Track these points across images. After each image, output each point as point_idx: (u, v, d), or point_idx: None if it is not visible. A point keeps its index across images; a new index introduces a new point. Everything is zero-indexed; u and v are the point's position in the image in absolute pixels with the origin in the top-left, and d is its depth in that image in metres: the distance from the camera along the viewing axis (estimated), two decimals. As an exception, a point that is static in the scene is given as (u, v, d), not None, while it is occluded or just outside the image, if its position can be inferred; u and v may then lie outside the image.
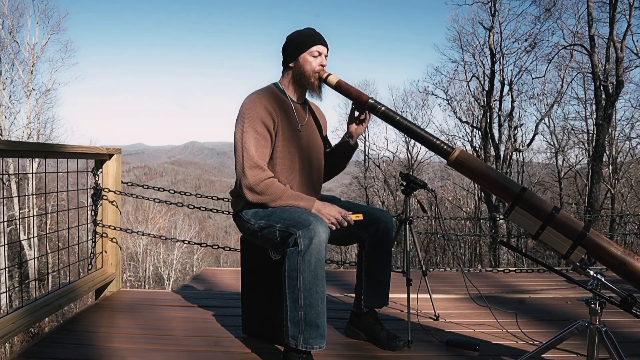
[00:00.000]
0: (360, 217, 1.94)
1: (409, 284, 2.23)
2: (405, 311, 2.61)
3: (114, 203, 2.89)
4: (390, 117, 1.91)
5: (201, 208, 3.11)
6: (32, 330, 11.29)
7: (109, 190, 2.84)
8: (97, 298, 2.83)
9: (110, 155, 2.85)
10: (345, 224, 1.90)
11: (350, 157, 2.22)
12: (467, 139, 18.92)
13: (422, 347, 2.12)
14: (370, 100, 1.95)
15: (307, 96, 2.14)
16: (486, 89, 16.53)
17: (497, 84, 16.13)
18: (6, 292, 13.67)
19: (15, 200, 16.35)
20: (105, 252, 2.89)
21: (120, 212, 2.98)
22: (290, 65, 2.05)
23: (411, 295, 2.69)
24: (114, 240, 2.91)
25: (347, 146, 2.16)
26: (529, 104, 16.97)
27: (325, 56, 2.06)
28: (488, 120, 16.08)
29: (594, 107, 14.44)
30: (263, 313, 2.15)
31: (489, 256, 16.15)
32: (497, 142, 15.88)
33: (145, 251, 27.04)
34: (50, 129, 18.68)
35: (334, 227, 1.89)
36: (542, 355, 1.83)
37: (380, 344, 2.10)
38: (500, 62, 16.04)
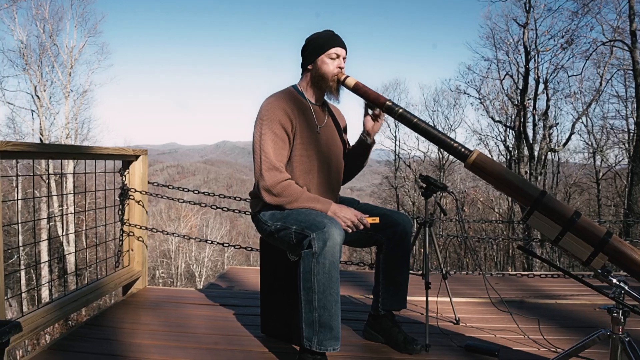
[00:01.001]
0: (377, 220, 1.94)
1: (427, 287, 2.20)
2: (423, 314, 2.60)
3: (141, 203, 2.98)
4: (407, 120, 1.89)
5: (224, 208, 3.17)
6: (70, 323, 11.74)
7: (135, 190, 2.93)
8: (125, 295, 2.93)
9: (137, 156, 2.94)
10: (362, 227, 1.90)
11: (368, 156, 2.21)
12: (500, 139, 18.52)
13: (440, 351, 2.10)
14: (387, 102, 1.95)
15: (326, 98, 2.15)
16: (520, 87, 16.13)
17: (531, 82, 15.72)
18: (49, 283, 14.27)
19: (55, 198, 17.05)
20: (132, 250, 2.98)
21: (147, 212, 3.07)
22: (309, 67, 2.07)
23: (431, 299, 2.67)
24: (140, 239, 3.00)
25: (365, 145, 2.16)
26: (564, 102, 16.44)
27: (344, 58, 2.06)
28: (522, 120, 15.68)
29: (634, 105, 13.86)
30: (281, 313, 2.18)
31: (522, 259, 15.75)
32: (531, 142, 15.46)
33: (177, 249, 27.64)
34: (88, 129, 19.39)
35: (349, 230, 1.89)
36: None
37: (397, 347, 2.09)
38: (535, 60, 15.62)
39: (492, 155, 19.76)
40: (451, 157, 22.39)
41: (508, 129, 17.63)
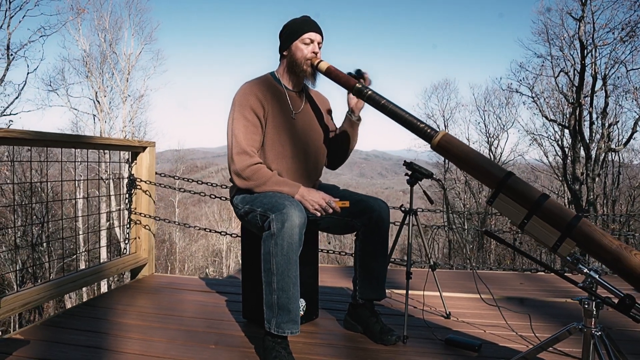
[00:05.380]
0: (347, 204, 1.91)
1: (408, 277, 2.13)
2: (416, 307, 2.52)
3: (148, 192, 3.09)
4: (376, 101, 1.85)
5: (222, 198, 3.23)
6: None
7: (141, 180, 3.04)
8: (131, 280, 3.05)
9: (144, 148, 3.06)
10: (330, 210, 1.87)
11: (356, 134, 2.17)
12: (554, 139, 17.61)
13: (418, 344, 2.02)
14: (357, 85, 1.91)
15: (307, 83, 2.14)
16: (576, 84, 15.24)
17: (588, 78, 14.81)
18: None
19: (113, 197, 18.04)
20: (139, 238, 3.10)
21: (154, 202, 3.18)
22: (284, 53, 2.07)
23: (421, 292, 2.59)
24: (147, 227, 3.11)
25: (350, 123, 2.13)
26: (625, 98, 15.34)
27: (319, 43, 2.05)
28: (577, 118, 14.81)
29: None
30: (260, 298, 2.18)
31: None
32: (587, 141, 14.56)
33: (228, 248, 28.43)
34: (144, 132, 20.35)
35: (318, 214, 1.88)
36: (539, 356, 1.68)
37: (373, 337, 2.04)
38: (592, 55, 14.70)
39: (547, 157, 18.85)
40: (502, 157, 21.65)
41: (564, 129, 16.72)
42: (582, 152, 14.76)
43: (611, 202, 16.24)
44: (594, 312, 1.49)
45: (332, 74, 1.98)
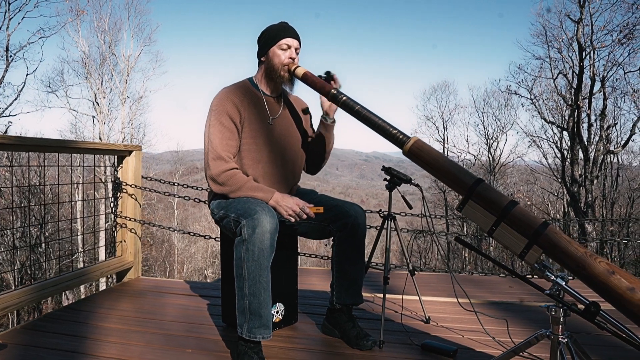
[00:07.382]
0: (321, 210, 1.91)
1: (385, 282, 2.14)
2: (397, 312, 2.53)
3: (134, 196, 3.10)
4: (350, 107, 1.86)
5: (205, 201, 3.24)
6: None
7: (127, 184, 3.05)
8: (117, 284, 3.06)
9: (130, 152, 3.07)
10: (304, 216, 1.88)
11: (331, 137, 2.17)
12: (553, 141, 17.59)
13: (394, 349, 2.02)
14: (332, 90, 1.92)
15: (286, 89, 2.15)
16: (574, 86, 15.24)
17: (586, 80, 14.80)
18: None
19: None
20: (125, 241, 3.11)
21: (140, 205, 3.19)
22: (262, 59, 2.08)
23: (400, 296, 2.60)
24: (132, 230, 3.12)
25: (325, 126, 2.13)
26: (623, 100, 15.32)
27: (296, 49, 2.05)
28: (576, 120, 14.80)
29: None
30: (238, 303, 2.19)
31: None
32: (585, 143, 14.55)
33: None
34: (143, 133, 20.37)
35: (292, 219, 1.89)
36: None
37: (349, 342, 2.04)
38: (590, 57, 14.69)
39: (546, 159, 18.83)
40: (501, 159, 21.66)
41: (563, 131, 16.72)
42: (581, 154, 14.75)
43: (610, 204, 16.23)
44: (561, 319, 1.49)
45: (308, 80, 1.99)
